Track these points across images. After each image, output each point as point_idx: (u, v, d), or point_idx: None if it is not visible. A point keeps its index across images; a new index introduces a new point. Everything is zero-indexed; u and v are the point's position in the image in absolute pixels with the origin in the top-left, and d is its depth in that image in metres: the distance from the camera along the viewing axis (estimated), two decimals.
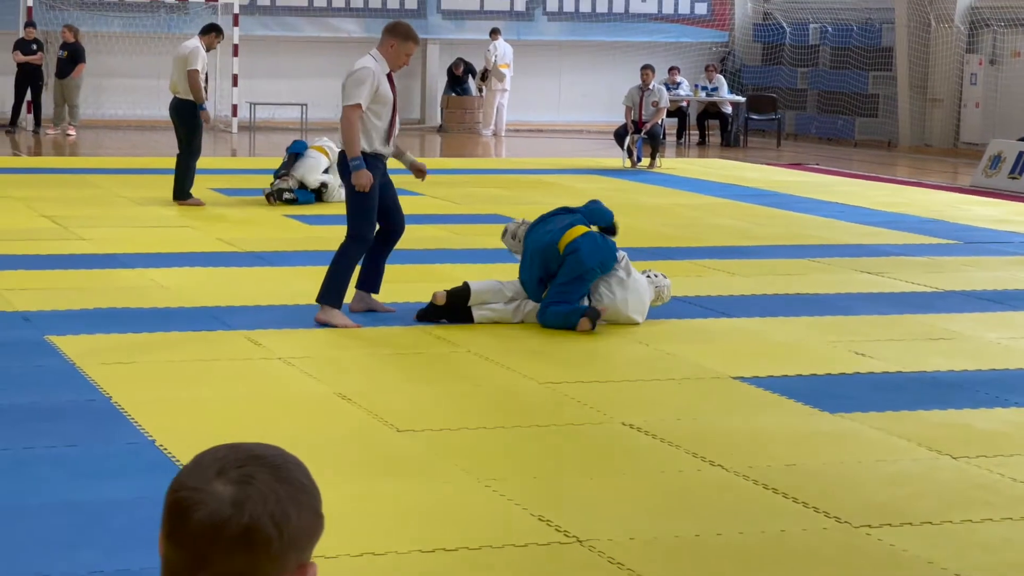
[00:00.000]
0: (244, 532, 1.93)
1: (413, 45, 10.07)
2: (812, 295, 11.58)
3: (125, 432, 7.15)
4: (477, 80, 29.29)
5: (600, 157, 24.11)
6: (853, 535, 5.98)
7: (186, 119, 16.01)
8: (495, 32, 28.90)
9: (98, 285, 11.10)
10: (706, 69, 29.27)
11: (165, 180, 16.97)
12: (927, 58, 27.38)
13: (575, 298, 9.94)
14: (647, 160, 22.50)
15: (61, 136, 25.36)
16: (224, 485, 1.96)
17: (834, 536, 5.98)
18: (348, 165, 9.82)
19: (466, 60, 29.24)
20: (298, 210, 15.93)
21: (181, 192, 16.00)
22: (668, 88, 25.56)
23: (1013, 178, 20.57)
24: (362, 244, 10.00)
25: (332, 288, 9.94)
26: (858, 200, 18.56)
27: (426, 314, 10.06)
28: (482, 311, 10.07)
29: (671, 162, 23.52)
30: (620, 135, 22.64)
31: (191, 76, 15.88)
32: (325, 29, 29.52)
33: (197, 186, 16.34)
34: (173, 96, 16.15)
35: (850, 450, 7.25)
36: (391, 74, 9.99)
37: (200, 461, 2.01)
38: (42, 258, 12.24)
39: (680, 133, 28.59)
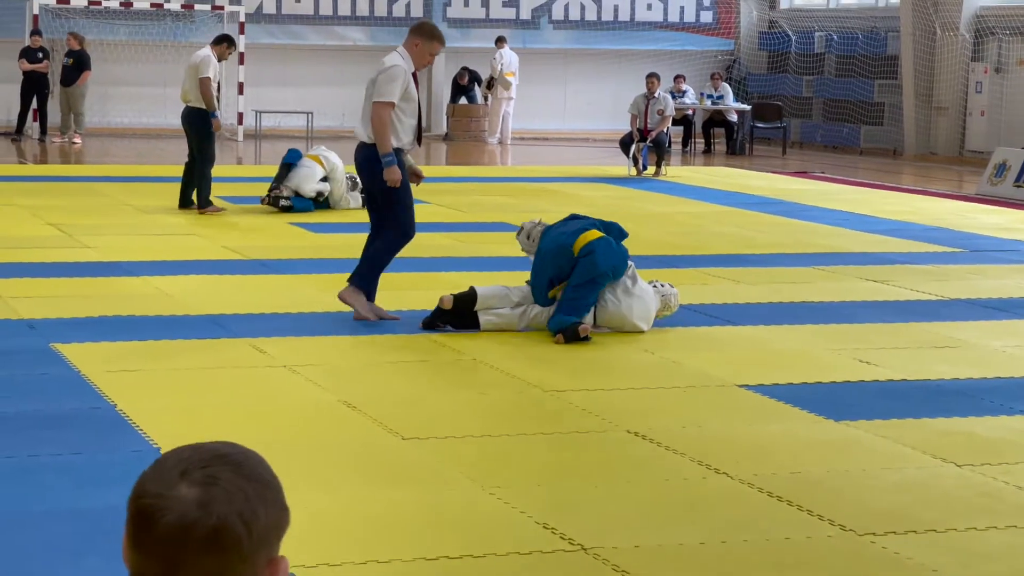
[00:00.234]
0: (213, 533, 1.90)
1: (438, 45, 10.15)
2: (817, 303, 11.58)
3: (130, 440, 7.15)
4: (483, 88, 29.32)
5: (605, 165, 24.11)
6: (857, 543, 5.98)
7: (198, 127, 16.05)
8: (501, 40, 28.92)
9: (103, 293, 11.12)
10: (711, 77, 29.29)
11: (170, 188, 16.99)
12: (932, 66, 27.37)
13: (585, 305, 9.93)
14: (652, 168, 22.50)
15: (67, 144, 25.40)
16: (189, 487, 1.92)
17: (838, 544, 5.98)
18: (371, 160, 9.93)
19: (471, 69, 29.26)
20: (303, 218, 15.94)
21: (203, 200, 15.95)
22: (673, 96, 25.56)
23: (1018, 186, 20.56)
24: (406, 238, 10.21)
25: (367, 274, 10.12)
26: (863, 208, 18.55)
27: (432, 320, 10.06)
28: (488, 316, 10.08)
29: (676, 170, 23.53)
30: (625, 143, 22.65)
31: (203, 84, 15.92)
32: (331, 37, 29.57)
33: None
34: (185, 105, 16.19)
35: (855, 458, 7.25)
36: (415, 73, 10.08)
37: (162, 465, 1.97)
38: (48, 266, 12.26)
39: (685, 141, 28.60)
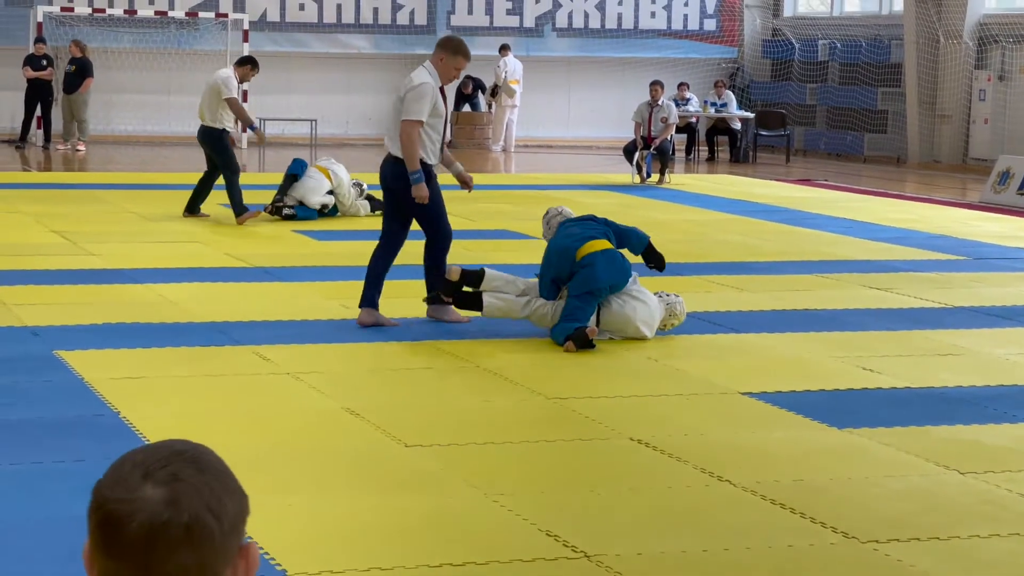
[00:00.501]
0: (187, 530, 1.89)
1: (463, 60, 10.22)
2: (821, 311, 11.58)
3: (133, 447, 7.14)
4: (487, 96, 29.33)
5: (609, 173, 24.12)
6: (861, 550, 5.98)
7: (215, 146, 15.97)
8: (505, 48, 28.93)
9: (107, 300, 11.12)
10: (715, 85, 29.30)
11: (174, 196, 17.00)
12: (936, 74, 27.38)
13: (585, 316, 9.92)
14: (656, 176, 22.51)
15: (71, 151, 25.41)
16: (154, 488, 1.92)
17: (842, 551, 5.98)
18: (400, 178, 10.17)
19: (475, 77, 29.27)
20: (307, 226, 15.96)
21: (238, 208, 15.75)
22: (677, 104, 25.57)
23: (1022, 194, 20.55)
24: (448, 240, 10.45)
25: (436, 282, 10.29)
26: (867, 216, 18.55)
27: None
28: (492, 298, 10.10)
29: (680, 178, 23.54)
30: (629, 151, 22.66)
31: (232, 104, 15.93)
32: (335, 45, 29.59)
33: (208, 202, 16.38)
34: (200, 124, 16.12)
35: (858, 465, 7.25)
36: (443, 87, 10.13)
37: (119, 470, 1.96)
38: (51, 273, 12.26)
39: (689, 149, 28.62)
